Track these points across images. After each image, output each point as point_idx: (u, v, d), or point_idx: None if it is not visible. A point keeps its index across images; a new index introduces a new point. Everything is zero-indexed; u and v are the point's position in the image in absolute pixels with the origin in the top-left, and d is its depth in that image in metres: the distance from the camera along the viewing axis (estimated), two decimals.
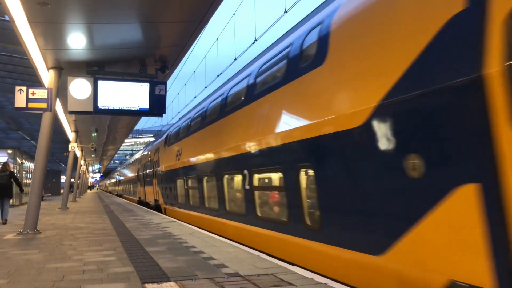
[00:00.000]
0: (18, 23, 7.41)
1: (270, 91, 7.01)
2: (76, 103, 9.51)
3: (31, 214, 9.36)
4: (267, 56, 7.90)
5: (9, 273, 5.14)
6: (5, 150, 23.97)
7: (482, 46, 3.14)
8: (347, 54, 4.96)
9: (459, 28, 3.37)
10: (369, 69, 4.49)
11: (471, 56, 3.23)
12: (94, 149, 26.53)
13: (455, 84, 3.32)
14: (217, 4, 6.99)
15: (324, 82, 5.38)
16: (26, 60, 10.47)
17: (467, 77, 3.23)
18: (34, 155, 10.07)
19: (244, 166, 7.95)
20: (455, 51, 3.38)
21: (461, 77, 3.28)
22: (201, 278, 4.68)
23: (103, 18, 7.38)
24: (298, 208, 6.09)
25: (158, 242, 7.61)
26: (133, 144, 74.61)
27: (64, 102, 11.90)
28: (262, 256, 5.97)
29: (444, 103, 3.45)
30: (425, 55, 3.69)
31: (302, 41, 6.30)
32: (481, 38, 3.17)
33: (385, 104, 4.13)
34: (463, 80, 3.26)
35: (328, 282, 4.47)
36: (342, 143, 4.91)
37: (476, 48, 3.20)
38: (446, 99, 3.43)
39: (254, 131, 7.50)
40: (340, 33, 5.21)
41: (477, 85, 3.14)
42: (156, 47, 9.14)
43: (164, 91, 9.97)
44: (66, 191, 20.07)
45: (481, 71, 3.12)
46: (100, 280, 4.70)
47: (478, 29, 3.20)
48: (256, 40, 14.55)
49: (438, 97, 3.50)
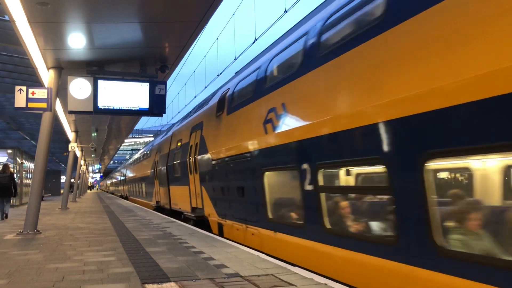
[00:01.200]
0: (18, 23, 7.40)
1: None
2: (76, 103, 9.51)
3: (31, 214, 9.35)
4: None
5: (9, 273, 5.14)
6: (5, 150, 23.98)
7: None
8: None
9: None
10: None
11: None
12: (94, 149, 26.53)
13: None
14: (217, 4, 6.99)
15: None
16: (26, 60, 10.46)
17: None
18: (34, 155, 10.07)
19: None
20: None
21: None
22: (201, 278, 4.68)
23: (103, 18, 7.37)
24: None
25: (158, 242, 7.60)
26: (133, 144, 74.70)
27: (64, 102, 11.89)
28: (262, 257, 5.96)
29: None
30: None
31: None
32: None
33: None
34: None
35: (328, 282, 4.46)
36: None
37: None
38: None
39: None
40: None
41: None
42: (156, 47, 9.13)
43: (164, 91, 9.96)
44: (66, 191, 20.07)
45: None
46: (100, 280, 4.70)
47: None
48: (256, 40, 14.54)
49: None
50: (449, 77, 3.66)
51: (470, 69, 3.45)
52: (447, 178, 4.25)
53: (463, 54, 3.58)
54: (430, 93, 3.82)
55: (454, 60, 3.65)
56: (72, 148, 21.08)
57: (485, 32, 3.38)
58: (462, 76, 3.51)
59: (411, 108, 4.02)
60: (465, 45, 3.56)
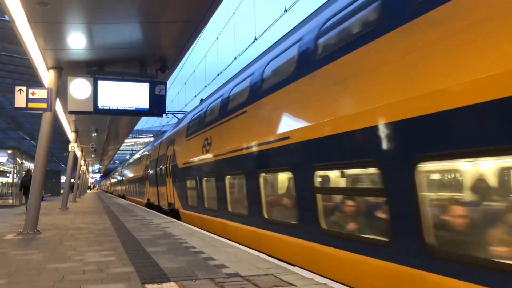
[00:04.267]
0: (18, 23, 7.40)
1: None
2: (76, 103, 9.51)
3: (31, 214, 9.35)
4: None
5: (9, 273, 5.14)
6: (5, 150, 23.97)
7: None
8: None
9: None
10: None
11: None
12: (94, 149, 26.50)
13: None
14: (217, 4, 6.99)
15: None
16: (26, 60, 10.46)
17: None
18: (34, 155, 10.07)
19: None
20: None
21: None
22: (201, 278, 4.68)
23: (103, 18, 7.37)
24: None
25: (158, 242, 7.60)
26: (133, 144, 74.62)
27: (64, 102, 11.90)
28: (262, 257, 5.96)
29: None
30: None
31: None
32: None
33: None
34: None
35: (328, 282, 4.46)
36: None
37: None
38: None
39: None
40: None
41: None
42: (156, 47, 9.13)
43: (164, 91, 9.96)
44: (66, 191, 20.08)
45: None
46: (100, 280, 4.70)
47: None
48: (256, 39, 14.55)
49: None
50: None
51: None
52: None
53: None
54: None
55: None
56: (72, 148, 21.08)
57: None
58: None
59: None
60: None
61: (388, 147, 4.34)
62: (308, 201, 5.82)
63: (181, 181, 13.90)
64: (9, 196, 28.81)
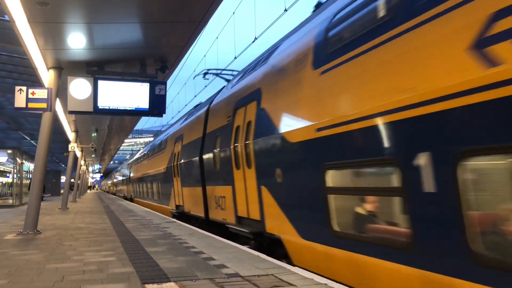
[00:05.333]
0: (18, 23, 7.40)
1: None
2: (76, 103, 9.51)
3: (31, 214, 9.35)
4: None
5: (9, 273, 5.13)
6: (5, 150, 23.96)
7: None
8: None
9: None
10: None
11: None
12: (94, 149, 26.51)
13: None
14: (217, 4, 6.99)
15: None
16: (26, 60, 10.47)
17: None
18: (34, 155, 10.07)
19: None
20: None
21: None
22: (201, 278, 4.68)
23: (103, 18, 7.37)
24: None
25: (158, 242, 7.60)
26: (133, 144, 74.61)
27: (64, 102, 11.90)
28: (262, 257, 5.96)
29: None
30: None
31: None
32: None
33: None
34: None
35: (328, 282, 4.46)
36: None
37: None
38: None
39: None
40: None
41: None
42: (156, 47, 9.13)
43: (164, 91, 9.96)
44: (66, 191, 20.07)
45: None
46: (100, 280, 4.70)
47: None
48: (256, 39, 14.53)
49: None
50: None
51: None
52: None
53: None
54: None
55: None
56: (72, 148, 21.08)
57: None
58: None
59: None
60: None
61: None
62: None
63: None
64: (9, 196, 28.80)
